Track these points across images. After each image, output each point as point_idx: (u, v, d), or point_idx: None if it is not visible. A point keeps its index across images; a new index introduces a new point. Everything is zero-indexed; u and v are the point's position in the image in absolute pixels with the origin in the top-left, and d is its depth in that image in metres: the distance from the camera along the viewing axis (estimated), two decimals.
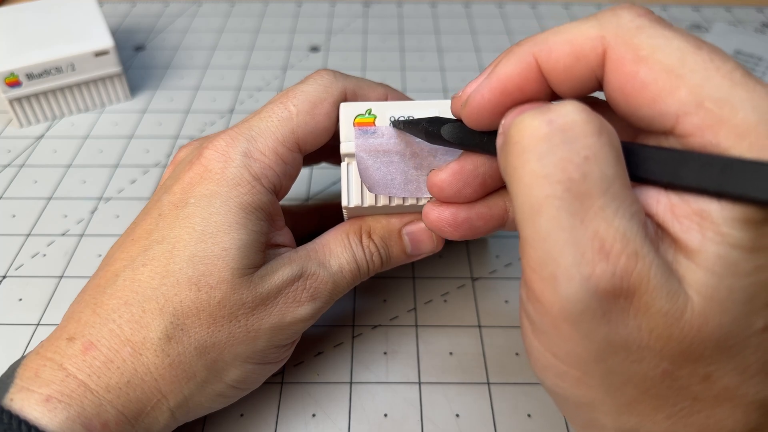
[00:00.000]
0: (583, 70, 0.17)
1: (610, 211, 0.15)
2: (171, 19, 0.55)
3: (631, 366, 0.16)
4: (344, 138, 0.24)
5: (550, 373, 0.18)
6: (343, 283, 0.26)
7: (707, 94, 0.15)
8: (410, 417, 0.28)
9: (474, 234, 0.23)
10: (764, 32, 0.53)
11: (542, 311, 0.16)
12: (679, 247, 0.16)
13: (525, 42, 0.18)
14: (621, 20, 0.17)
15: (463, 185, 0.21)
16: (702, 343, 0.15)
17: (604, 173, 0.15)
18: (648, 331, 0.15)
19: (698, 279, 0.15)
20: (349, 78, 0.27)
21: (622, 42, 0.17)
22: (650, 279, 0.15)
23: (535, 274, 0.16)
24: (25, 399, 0.20)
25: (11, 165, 0.41)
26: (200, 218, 0.23)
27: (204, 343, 0.22)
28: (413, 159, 0.24)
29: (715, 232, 0.15)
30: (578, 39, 0.17)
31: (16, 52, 0.41)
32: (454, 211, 0.22)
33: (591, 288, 0.15)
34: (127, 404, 0.21)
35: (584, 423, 0.19)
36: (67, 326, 0.22)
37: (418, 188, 0.24)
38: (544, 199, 0.15)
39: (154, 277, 0.22)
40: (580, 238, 0.15)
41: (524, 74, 0.18)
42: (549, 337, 0.17)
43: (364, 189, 0.24)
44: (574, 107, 0.16)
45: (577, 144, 0.15)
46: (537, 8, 0.57)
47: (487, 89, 0.19)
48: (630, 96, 0.17)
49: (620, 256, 0.15)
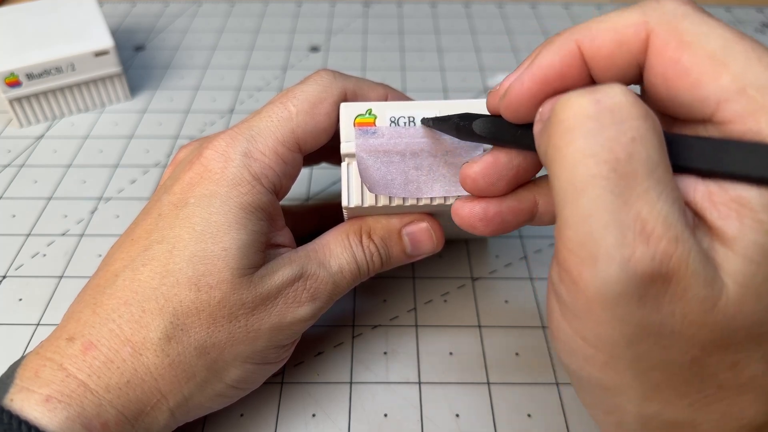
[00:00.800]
0: (626, 56, 0.17)
1: (653, 195, 0.15)
2: (171, 19, 0.55)
3: (660, 351, 0.16)
4: (344, 138, 0.24)
5: (577, 356, 0.18)
6: (343, 283, 0.26)
7: (750, 82, 0.15)
8: (410, 417, 0.28)
9: (504, 229, 0.22)
10: (764, 32, 0.53)
11: (576, 293, 0.16)
12: (715, 235, 0.16)
13: (567, 31, 0.18)
14: (665, 7, 0.17)
15: (497, 178, 0.21)
16: (734, 330, 0.15)
17: (649, 156, 0.15)
18: (682, 316, 0.15)
19: (735, 266, 0.15)
20: (349, 78, 0.27)
21: (667, 28, 0.17)
22: (689, 265, 0.15)
23: (572, 255, 0.16)
24: (25, 399, 0.20)
25: (11, 165, 0.41)
26: (200, 218, 0.23)
27: (204, 343, 0.22)
28: (413, 159, 0.24)
29: (753, 219, 0.15)
30: (622, 25, 0.17)
31: (16, 52, 0.41)
32: (485, 206, 0.22)
33: (630, 270, 0.15)
34: (127, 404, 0.21)
35: (606, 408, 0.19)
36: (67, 326, 0.22)
37: (418, 188, 0.24)
38: (589, 178, 0.15)
39: (153, 277, 0.22)
40: (623, 219, 0.15)
41: (566, 62, 0.18)
42: (580, 319, 0.17)
43: (365, 189, 0.24)
44: (621, 89, 0.16)
45: (624, 125, 0.15)
46: (537, 8, 0.57)
47: (528, 78, 0.19)
48: (671, 81, 0.17)
49: (661, 239, 0.15)
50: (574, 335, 0.17)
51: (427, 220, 0.27)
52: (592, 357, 0.17)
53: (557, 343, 0.19)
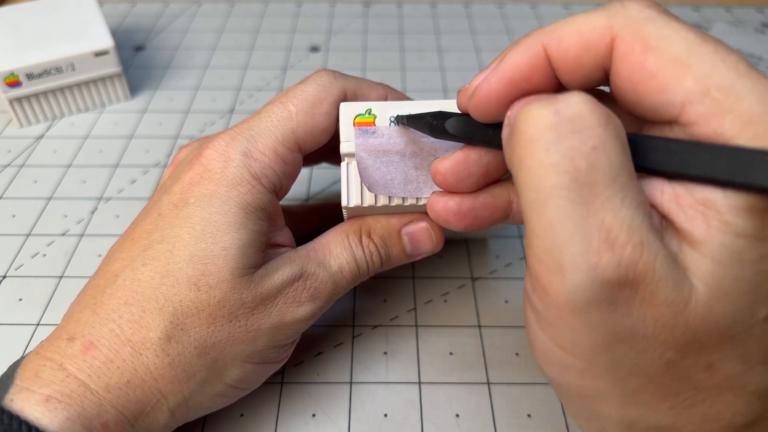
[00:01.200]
0: (591, 59, 0.18)
1: (616, 201, 0.15)
2: (171, 19, 0.55)
3: (635, 356, 0.16)
4: (344, 138, 0.24)
5: (555, 365, 0.18)
6: (343, 283, 0.26)
7: (713, 84, 0.15)
8: (410, 417, 0.28)
9: (478, 225, 0.23)
10: (764, 32, 0.53)
11: (548, 301, 0.16)
12: (683, 237, 0.16)
13: (534, 33, 0.19)
14: (629, 11, 0.17)
15: (467, 174, 0.21)
16: (706, 332, 0.15)
17: (611, 163, 0.15)
18: (653, 320, 0.15)
19: (703, 268, 0.15)
20: (348, 78, 0.27)
21: (631, 32, 0.17)
22: (656, 269, 0.15)
23: (541, 264, 0.16)
24: (25, 399, 0.20)
25: (11, 165, 0.41)
26: (200, 218, 0.23)
27: (204, 342, 0.22)
28: (413, 159, 0.24)
29: (720, 221, 0.15)
30: (587, 29, 0.17)
31: (16, 52, 0.41)
32: (459, 201, 0.22)
33: (597, 277, 0.15)
34: (127, 404, 0.21)
35: (588, 415, 0.19)
36: (67, 326, 0.22)
37: (418, 188, 0.24)
38: (551, 188, 0.15)
39: (154, 277, 0.22)
40: (587, 227, 0.15)
41: (532, 63, 0.18)
42: (554, 328, 0.17)
43: (364, 189, 0.24)
44: (581, 98, 0.16)
45: (584, 134, 0.15)
46: (537, 8, 0.57)
47: (495, 78, 0.19)
48: (637, 85, 0.17)
49: (626, 246, 0.15)
50: (550, 344, 0.17)
51: (427, 220, 0.27)
52: (569, 365, 0.17)
53: (535, 352, 0.19)
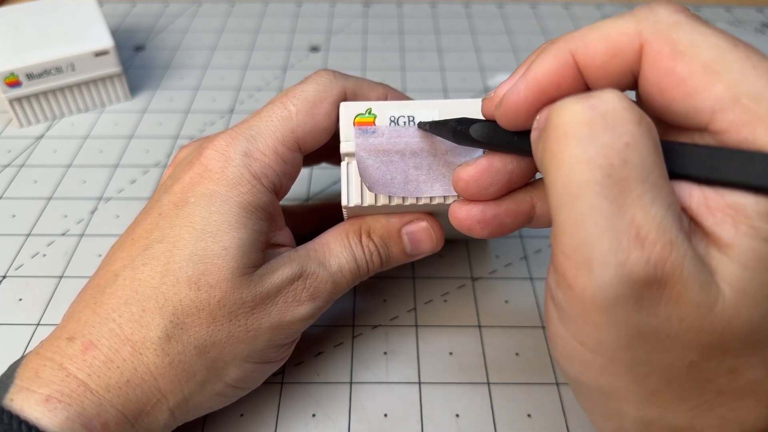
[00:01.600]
0: (620, 65, 0.17)
1: (647, 200, 0.15)
2: (171, 19, 0.55)
3: (658, 356, 0.16)
4: (344, 137, 0.24)
5: (576, 361, 0.18)
6: (343, 282, 0.26)
7: (744, 91, 0.15)
8: (410, 417, 0.28)
9: (502, 231, 0.22)
10: (764, 32, 0.53)
11: (573, 297, 0.16)
12: (711, 241, 0.16)
13: (560, 39, 0.18)
14: (658, 16, 0.17)
15: (490, 183, 0.21)
16: (731, 335, 0.15)
17: (644, 161, 0.15)
18: (678, 321, 0.15)
19: (731, 272, 0.15)
20: (348, 78, 0.27)
21: (660, 37, 0.17)
22: (684, 269, 0.15)
23: (568, 260, 0.16)
24: (25, 399, 0.20)
25: (11, 165, 0.41)
26: (200, 217, 0.23)
27: (204, 342, 0.22)
28: (413, 158, 0.24)
29: (749, 226, 0.15)
30: (615, 35, 0.17)
31: (16, 52, 0.41)
32: (483, 209, 0.22)
33: (625, 275, 0.15)
34: (127, 404, 0.21)
35: (606, 413, 0.19)
36: (67, 326, 0.22)
37: (418, 188, 0.24)
38: (584, 183, 0.15)
39: (154, 276, 0.22)
40: (617, 224, 0.15)
41: (561, 71, 0.18)
42: (577, 324, 0.17)
43: (364, 188, 0.24)
44: (616, 95, 0.16)
45: (618, 130, 0.15)
46: (537, 8, 0.57)
47: (523, 87, 0.19)
48: (666, 91, 0.17)
49: (655, 244, 0.15)
50: (572, 340, 0.17)
51: (427, 220, 0.27)
52: (590, 362, 0.17)
53: (555, 349, 0.19)
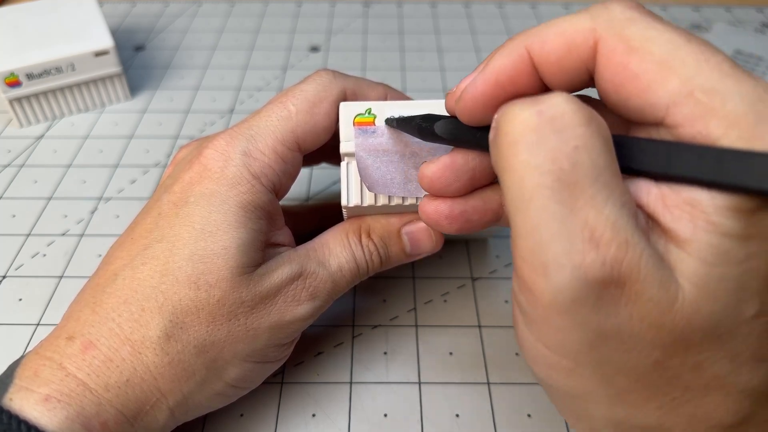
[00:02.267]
0: (575, 61, 0.18)
1: (600, 200, 0.15)
2: (171, 19, 0.55)
3: (622, 355, 0.16)
4: (344, 137, 0.24)
5: (542, 364, 0.18)
6: (343, 282, 0.26)
7: (697, 85, 0.15)
8: (410, 417, 0.28)
9: (470, 228, 0.23)
10: (764, 32, 0.53)
11: (533, 301, 0.16)
12: (670, 237, 0.16)
13: (518, 35, 0.19)
14: (612, 13, 0.17)
15: (454, 179, 0.21)
16: (693, 331, 0.15)
17: (594, 162, 0.15)
18: (639, 319, 0.15)
19: (690, 268, 0.15)
20: (348, 78, 0.27)
21: (614, 33, 0.17)
22: (641, 268, 0.15)
23: (525, 264, 0.16)
24: (24, 399, 0.20)
25: (11, 165, 0.41)
26: (200, 217, 0.23)
27: (203, 341, 0.22)
28: (413, 158, 0.24)
29: (706, 221, 0.15)
30: (570, 31, 0.17)
31: (16, 52, 0.41)
32: (450, 205, 0.22)
33: (581, 277, 0.15)
34: (127, 403, 0.21)
35: (576, 414, 0.19)
36: (67, 325, 0.22)
37: (418, 188, 0.24)
38: (534, 189, 0.15)
39: (153, 276, 0.22)
40: (571, 227, 0.15)
41: (517, 66, 0.18)
42: (540, 327, 0.17)
43: (364, 188, 0.24)
44: (563, 98, 0.16)
45: (566, 134, 0.15)
46: (537, 8, 0.57)
47: (480, 81, 0.19)
48: (621, 87, 0.17)
49: (610, 244, 0.15)
50: (537, 343, 0.17)
51: None
52: (556, 364, 0.17)
53: (524, 352, 0.19)
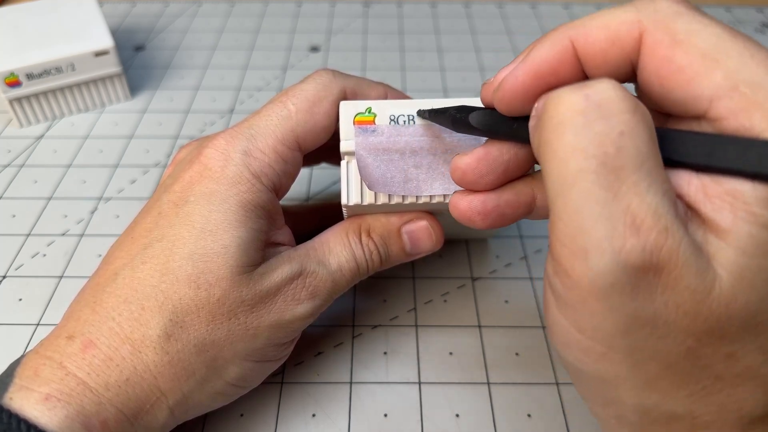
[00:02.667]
0: (619, 53, 0.18)
1: (642, 187, 0.15)
2: (171, 19, 0.55)
3: (656, 342, 0.16)
4: (344, 136, 0.24)
5: (574, 348, 0.18)
6: (343, 281, 0.26)
7: (742, 79, 0.15)
8: (410, 417, 0.28)
9: (502, 222, 0.22)
10: (764, 32, 0.53)
11: (570, 285, 0.16)
12: (709, 227, 0.16)
13: (561, 27, 0.19)
14: (658, 6, 0.17)
15: (487, 171, 0.21)
16: (728, 321, 0.15)
17: (638, 149, 0.15)
18: (675, 307, 0.15)
19: (728, 258, 0.15)
20: (348, 77, 0.27)
21: (660, 26, 0.17)
22: (680, 255, 0.15)
23: (565, 248, 0.16)
24: (24, 398, 0.20)
25: (11, 165, 0.40)
26: (200, 216, 0.23)
27: (203, 340, 0.22)
28: (413, 157, 0.24)
29: (747, 212, 0.15)
30: (615, 23, 0.18)
31: (16, 52, 0.41)
32: (484, 200, 0.22)
33: (621, 262, 0.15)
34: (127, 402, 0.21)
35: (604, 401, 0.19)
36: (67, 325, 0.22)
37: (418, 187, 0.24)
38: (578, 172, 0.16)
39: (153, 275, 0.22)
40: (613, 212, 0.15)
41: (560, 57, 0.18)
42: (575, 311, 0.17)
43: (364, 187, 0.24)
44: (610, 84, 0.16)
45: (613, 119, 0.16)
46: (537, 8, 0.57)
47: (521, 72, 0.19)
48: (665, 79, 0.17)
49: (651, 231, 0.15)
50: (570, 327, 0.18)
51: (427, 219, 0.27)
52: (588, 349, 0.17)
53: (554, 336, 0.19)
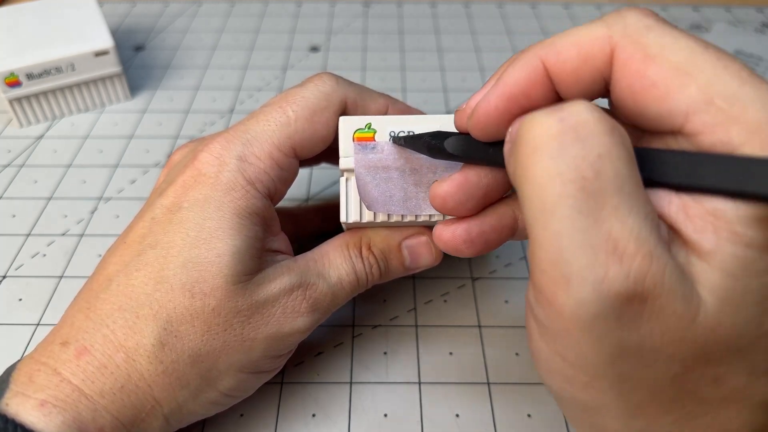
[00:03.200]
0: (591, 71, 0.17)
1: (623, 211, 0.15)
2: (171, 19, 0.55)
3: (642, 370, 0.16)
4: (343, 153, 0.24)
5: (558, 377, 0.17)
6: (342, 294, 0.26)
7: (717, 92, 0.15)
8: (410, 417, 0.28)
9: (488, 248, 0.22)
10: (764, 32, 0.53)
11: (552, 314, 0.16)
12: (691, 249, 0.15)
13: (531, 47, 0.18)
14: (628, 21, 0.17)
15: (467, 197, 0.21)
16: (714, 344, 0.15)
17: (617, 172, 0.15)
18: (661, 334, 0.15)
19: (712, 280, 0.15)
20: (351, 85, 0.26)
21: (630, 41, 0.17)
22: (665, 281, 0.15)
23: (545, 276, 0.16)
24: (20, 404, 0.20)
25: (11, 165, 0.41)
26: (194, 223, 0.23)
27: (198, 351, 0.22)
28: (413, 175, 0.24)
29: (729, 231, 0.15)
30: (586, 40, 0.17)
31: (16, 52, 0.41)
32: (467, 228, 0.22)
33: (604, 291, 0.15)
34: (122, 410, 0.21)
35: (589, 427, 0.18)
36: (61, 330, 0.22)
37: (417, 205, 0.24)
38: (556, 198, 0.15)
39: (147, 283, 0.22)
40: (594, 238, 0.15)
41: (532, 78, 0.18)
42: (558, 340, 0.16)
43: (363, 205, 0.24)
44: (585, 106, 0.16)
45: (589, 142, 0.15)
46: (537, 8, 0.57)
47: (494, 96, 0.18)
48: (638, 95, 0.16)
49: (634, 257, 0.14)
50: (554, 356, 0.17)
51: (427, 234, 0.26)
52: (573, 377, 0.17)
53: (537, 363, 0.18)
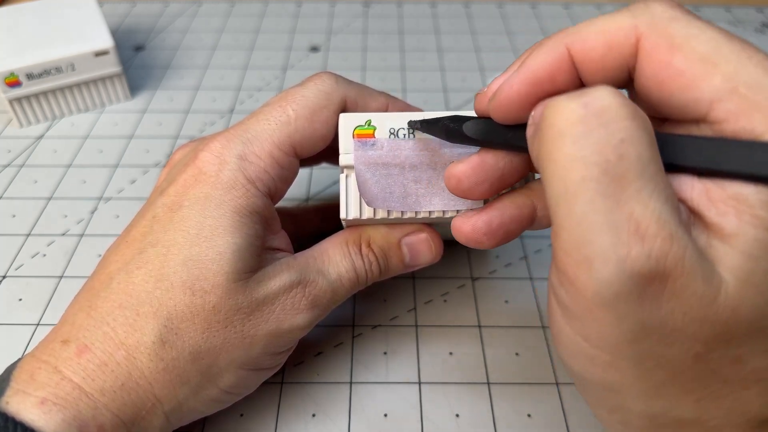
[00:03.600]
0: (616, 59, 0.18)
1: (645, 194, 0.15)
2: (171, 19, 0.55)
3: (663, 350, 0.16)
4: (343, 150, 0.24)
5: (580, 357, 0.18)
6: (342, 291, 0.26)
7: (741, 81, 0.15)
8: (410, 417, 0.28)
9: (507, 238, 0.22)
10: (764, 32, 0.53)
11: (575, 295, 0.16)
12: (713, 232, 0.16)
13: (557, 34, 0.19)
14: (654, 11, 0.17)
15: (483, 179, 0.21)
16: (735, 325, 0.15)
17: (640, 156, 0.15)
18: (682, 313, 0.15)
19: (734, 262, 0.15)
20: (350, 84, 0.26)
21: (656, 31, 0.17)
22: (685, 262, 0.15)
23: (569, 258, 0.16)
24: (21, 402, 0.20)
25: (11, 165, 0.41)
26: (194, 221, 0.23)
27: (198, 348, 0.22)
28: (412, 172, 0.24)
29: (751, 215, 0.15)
30: (612, 28, 0.18)
31: (16, 52, 0.41)
32: (487, 220, 0.22)
33: (626, 270, 0.15)
34: (123, 407, 0.21)
35: (610, 407, 0.19)
36: (62, 329, 0.22)
37: (417, 202, 0.24)
38: (580, 181, 0.15)
39: (148, 281, 0.22)
40: (616, 220, 0.15)
41: (556, 64, 0.18)
42: (581, 320, 0.17)
43: (363, 201, 0.24)
44: (609, 91, 0.16)
45: (612, 126, 0.15)
46: (537, 8, 0.57)
47: (517, 79, 0.19)
48: (663, 83, 0.17)
49: (656, 238, 0.15)
50: (576, 337, 0.17)
51: (427, 231, 0.26)
52: (595, 358, 0.17)
53: (559, 346, 0.19)
